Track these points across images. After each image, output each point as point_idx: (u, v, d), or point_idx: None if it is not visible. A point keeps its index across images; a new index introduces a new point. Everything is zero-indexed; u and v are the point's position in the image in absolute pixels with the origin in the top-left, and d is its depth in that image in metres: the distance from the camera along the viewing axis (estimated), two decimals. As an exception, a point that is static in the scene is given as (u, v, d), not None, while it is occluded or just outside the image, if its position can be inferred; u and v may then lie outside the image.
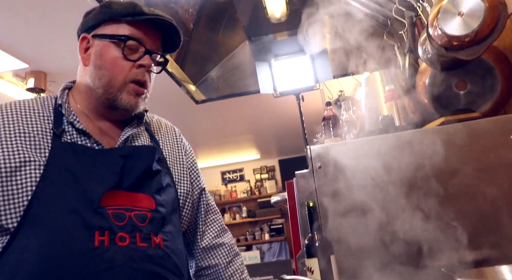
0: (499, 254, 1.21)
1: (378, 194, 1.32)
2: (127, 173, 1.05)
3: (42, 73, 2.96)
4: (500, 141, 1.29)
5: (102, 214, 0.97)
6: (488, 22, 1.30)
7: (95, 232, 0.94)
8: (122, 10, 1.07)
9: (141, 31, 1.09)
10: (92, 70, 1.08)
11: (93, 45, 1.09)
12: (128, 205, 1.02)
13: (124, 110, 1.10)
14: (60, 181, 0.97)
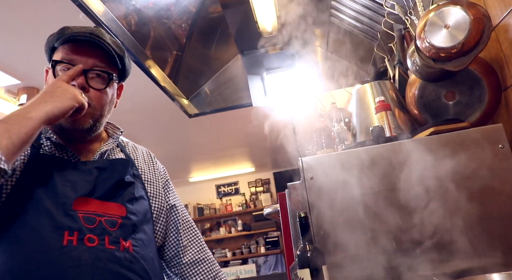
0: (490, 262, 1.22)
1: (370, 204, 1.33)
2: (100, 183, 1.12)
3: (34, 89, 2.97)
4: (489, 150, 1.30)
5: (73, 216, 1.03)
6: (474, 34, 1.32)
7: (64, 232, 1.01)
8: (53, 38, 1.15)
9: (73, 52, 1.13)
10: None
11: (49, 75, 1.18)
12: (99, 211, 1.09)
13: (71, 131, 1.14)
14: (35, 186, 1.04)
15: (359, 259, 1.29)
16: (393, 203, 1.31)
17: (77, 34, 1.12)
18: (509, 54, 1.39)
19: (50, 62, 1.19)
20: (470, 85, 1.53)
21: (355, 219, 1.32)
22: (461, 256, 1.24)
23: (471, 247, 1.24)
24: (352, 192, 1.35)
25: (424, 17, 1.44)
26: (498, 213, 1.26)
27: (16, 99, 2.98)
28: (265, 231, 8.38)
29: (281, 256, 8.17)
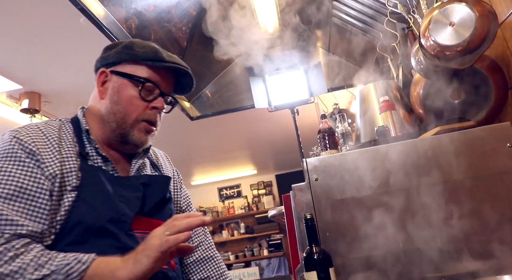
0: (499, 264, 1.19)
1: (376, 205, 1.30)
2: (147, 200, 1.12)
3: (36, 94, 2.96)
4: (496, 149, 1.28)
5: (133, 237, 1.03)
6: (479, 31, 1.30)
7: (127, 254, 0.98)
8: (143, 54, 1.13)
9: (158, 74, 1.15)
10: (108, 104, 1.14)
11: (111, 81, 1.15)
12: (148, 229, 1.05)
13: (134, 145, 1.16)
14: (94, 201, 1.02)
15: (366, 261, 1.27)
16: (399, 204, 1.29)
17: (175, 65, 1.16)
18: (515, 51, 1.37)
19: (105, 65, 1.17)
20: (476, 84, 1.51)
21: (361, 220, 1.30)
22: (469, 257, 1.22)
23: (479, 248, 1.22)
24: (358, 193, 1.32)
25: (428, 15, 1.42)
26: (507, 213, 1.24)
27: (18, 104, 2.97)
28: (268, 234, 8.35)
29: (284, 259, 8.14)
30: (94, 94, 1.20)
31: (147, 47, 1.16)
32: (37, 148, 1.01)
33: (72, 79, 2.91)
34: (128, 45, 1.16)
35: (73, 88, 3.01)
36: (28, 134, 1.03)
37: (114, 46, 1.20)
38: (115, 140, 1.15)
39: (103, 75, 1.17)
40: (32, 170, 0.98)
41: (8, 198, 0.94)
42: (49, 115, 3.30)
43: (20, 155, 0.99)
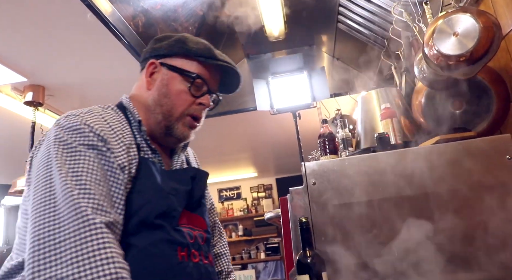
0: (492, 275, 1.19)
1: (372, 211, 1.30)
2: (194, 194, 1.13)
3: (40, 87, 2.97)
4: (495, 161, 1.28)
5: (181, 231, 1.03)
6: (483, 42, 1.31)
7: (177, 247, 1.00)
8: (197, 50, 1.13)
9: (208, 72, 1.16)
10: (156, 96, 1.13)
11: (160, 72, 1.15)
12: (191, 224, 1.09)
13: (177, 139, 1.17)
14: (149, 194, 1.01)
15: (361, 267, 1.27)
16: (396, 211, 1.29)
17: (227, 65, 1.17)
18: (518, 64, 1.37)
19: (154, 56, 1.16)
20: (478, 95, 1.51)
21: (357, 226, 1.30)
22: (465, 268, 1.22)
23: (474, 258, 1.22)
24: (355, 199, 1.32)
25: (432, 24, 1.43)
26: (503, 225, 1.24)
27: (22, 97, 2.98)
28: (265, 237, 8.33)
29: (281, 263, 8.12)
30: (139, 84, 1.19)
31: (201, 43, 1.16)
32: (107, 136, 0.99)
33: (76, 74, 2.92)
34: (181, 39, 1.16)
35: (78, 83, 3.02)
36: (95, 122, 1.01)
37: (165, 39, 1.19)
38: (159, 132, 1.14)
39: (152, 66, 1.16)
40: (109, 159, 0.96)
41: (94, 182, 0.91)
42: (52, 109, 3.31)
43: (95, 142, 0.97)
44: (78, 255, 0.80)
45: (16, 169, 3.98)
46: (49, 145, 0.96)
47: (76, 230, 0.83)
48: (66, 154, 0.93)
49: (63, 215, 0.85)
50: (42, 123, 3.31)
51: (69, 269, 0.78)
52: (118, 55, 2.38)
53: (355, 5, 2.36)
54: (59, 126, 0.99)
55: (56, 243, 0.82)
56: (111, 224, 0.89)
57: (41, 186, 0.90)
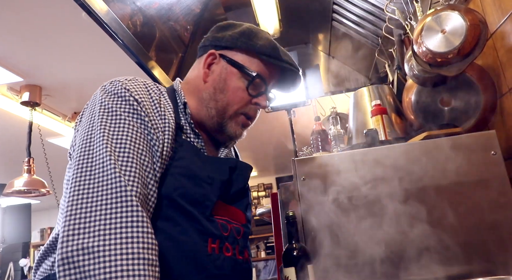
0: (478, 268, 1.21)
1: (361, 206, 1.32)
2: (231, 185, 1.08)
3: (37, 87, 2.98)
4: (480, 156, 1.30)
5: (214, 222, 0.98)
6: (470, 40, 1.33)
7: (208, 239, 0.95)
8: (261, 47, 1.08)
9: (268, 71, 1.11)
10: (211, 89, 1.09)
11: (219, 65, 1.10)
12: (227, 217, 1.04)
13: (228, 137, 1.13)
14: (183, 178, 0.97)
15: (349, 262, 1.29)
16: (384, 207, 1.31)
17: (291, 67, 1.11)
18: (505, 61, 1.39)
19: (215, 47, 1.11)
20: (466, 92, 1.53)
21: (346, 221, 1.32)
22: (450, 261, 1.24)
23: (459, 253, 1.24)
24: (344, 194, 1.34)
25: (421, 22, 1.45)
26: (488, 219, 1.26)
27: (19, 97, 3.00)
28: (266, 236, 8.36)
29: (281, 261, 8.13)
30: (195, 73, 1.15)
31: (266, 40, 1.10)
32: (146, 106, 0.96)
33: (73, 74, 2.95)
34: (246, 33, 1.10)
35: (75, 83, 3.04)
36: (136, 89, 0.98)
37: (229, 28, 1.13)
38: (210, 126, 1.11)
39: (211, 57, 1.11)
40: (150, 129, 0.93)
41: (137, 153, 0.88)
42: (50, 109, 3.33)
43: (139, 110, 0.94)
44: (106, 229, 0.79)
45: (13, 169, 4.00)
46: (94, 111, 0.94)
47: (109, 204, 0.81)
48: (110, 122, 0.91)
49: (99, 186, 0.83)
50: (40, 123, 3.33)
51: (95, 240, 0.77)
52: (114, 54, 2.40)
53: (349, 3, 2.38)
54: (105, 92, 0.96)
55: (88, 213, 0.80)
56: (145, 198, 0.87)
57: (83, 155, 0.87)
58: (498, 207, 1.26)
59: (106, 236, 0.78)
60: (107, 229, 0.79)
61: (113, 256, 0.77)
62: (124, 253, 0.77)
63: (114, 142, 0.88)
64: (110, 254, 0.77)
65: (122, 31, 2.08)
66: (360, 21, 2.48)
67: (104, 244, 0.77)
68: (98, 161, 0.86)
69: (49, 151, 3.33)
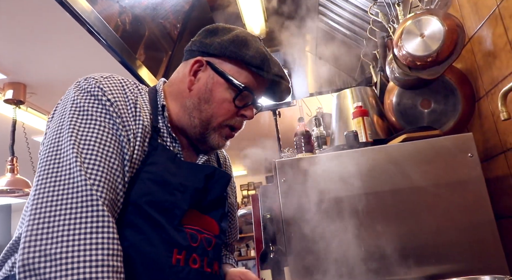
0: (453, 268, 1.23)
1: (341, 207, 1.34)
2: (206, 194, 1.03)
3: (21, 85, 2.95)
4: (457, 158, 1.32)
5: (182, 232, 0.94)
6: (448, 44, 1.35)
7: (174, 249, 0.92)
8: (250, 58, 1.02)
9: (257, 82, 1.06)
10: (196, 99, 1.04)
11: (206, 73, 1.05)
12: (199, 226, 0.99)
13: (209, 147, 1.09)
14: (152, 184, 0.93)
15: (327, 262, 1.30)
16: (362, 208, 1.33)
17: (281, 80, 1.07)
18: (482, 65, 1.41)
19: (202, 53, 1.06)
20: (445, 94, 1.55)
21: (325, 222, 1.34)
22: (427, 261, 1.26)
23: (435, 253, 1.26)
24: (323, 196, 1.36)
25: (401, 25, 1.46)
26: (464, 220, 1.28)
27: (2, 94, 2.97)
28: (255, 234, 8.37)
29: (270, 260, 8.14)
30: (180, 77, 1.09)
31: (256, 50, 1.04)
32: (120, 106, 0.93)
33: (59, 72, 2.92)
34: (236, 42, 1.04)
35: (60, 81, 3.01)
36: (111, 88, 0.94)
37: (217, 33, 1.07)
38: (192, 135, 1.06)
39: (197, 65, 1.05)
40: (121, 132, 0.90)
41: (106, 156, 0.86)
42: (35, 107, 3.30)
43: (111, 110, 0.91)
44: (70, 235, 0.76)
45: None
46: (66, 109, 0.91)
47: (74, 208, 0.78)
48: (81, 122, 0.88)
49: (64, 189, 0.80)
50: (24, 121, 3.30)
51: (58, 246, 0.75)
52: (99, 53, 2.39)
53: (334, 5, 2.40)
54: (78, 88, 0.93)
55: (51, 217, 0.77)
56: (113, 202, 0.85)
57: (50, 155, 0.85)
58: (474, 208, 1.29)
59: (69, 242, 0.76)
60: (71, 235, 0.77)
61: (76, 263, 0.75)
62: (87, 260, 0.76)
63: (82, 143, 0.86)
64: (73, 261, 0.75)
65: (105, 31, 2.07)
66: (345, 23, 2.50)
67: (67, 250, 0.75)
68: (65, 163, 0.84)
69: (34, 150, 3.30)
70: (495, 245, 1.25)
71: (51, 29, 2.42)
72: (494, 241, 1.25)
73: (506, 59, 1.24)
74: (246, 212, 2.05)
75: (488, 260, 1.24)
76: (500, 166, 1.39)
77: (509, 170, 1.34)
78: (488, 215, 1.27)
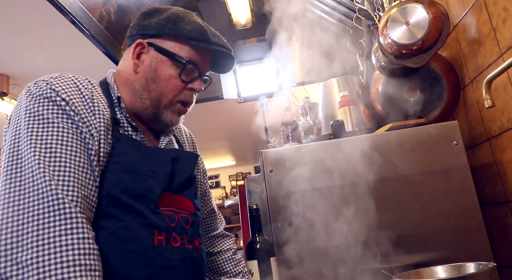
0: (438, 256, 1.24)
1: (328, 198, 1.34)
2: (175, 176, 1.08)
3: (4, 76, 2.89)
4: (443, 147, 1.33)
5: (159, 214, 0.99)
6: (433, 32, 1.34)
7: (154, 231, 0.96)
8: (189, 32, 1.06)
9: (199, 55, 1.09)
10: (143, 80, 1.08)
11: (149, 54, 1.08)
12: (175, 207, 1.05)
13: (164, 125, 1.13)
14: (123, 173, 0.96)
15: (314, 252, 1.30)
16: (349, 198, 1.33)
17: (222, 49, 1.09)
18: (467, 53, 1.41)
19: (142, 36, 1.09)
20: (431, 83, 1.55)
21: (312, 212, 1.33)
22: (410, 250, 1.27)
23: (421, 242, 1.27)
24: (311, 186, 1.36)
25: (386, 13, 1.46)
26: (449, 208, 1.29)
27: (-16, 86, 2.93)
28: (244, 224, 8.40)
29: (260, 249, 8.20)
30: (126, 63, 1.12)
31: (193, 24, 1.07)
32: (77, 104, 0.94)
33: (43, 63, 2.89)
34: (172, 19, 1.07)
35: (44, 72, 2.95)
36: (64, 87, 0.95)
37: (154, 14, 1.11)
38: (145, 116, 1.10)
39: (139, 47, 1.09)
40: (82, 129, 0.92)
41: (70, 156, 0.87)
42: (18, 99, 3.26)
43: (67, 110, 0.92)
44: (39, 240, 0.78)
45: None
46: (20, 116, 0.91)
47: (41, 214, 0.80)
48: (38, 127, 0.88)
49: (30, 196, 0.81)
50: (8, 113, 3.26)
51: (29, 253, 0.77)
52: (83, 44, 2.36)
53: (320, -7, 2.38)
54: (29, 94, 0.93)
55: (19, 225, 0.79)
56: (87, 199, 0.86)
57: (10, 166, 0.85)
58: (459, 196, 1.30)
59: (39, 247, 0.78)
60: (40, 240, 0.78)
61: (47, 266, 0.76)
62: (59, 262, 0.77)
63: (43, 148, 0.86)
64: (44, 264, 0.76)
65: (89, 21, 2.03)
66: (331, 11, 2.49)
67: (37, 255, 0.77)
68: (27, 171, 0.84)
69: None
70: (479, 232, 1.26)
71: (33, 20, 2.37)
72: (478, 228, 1.27)
73: (491, 46, 1.25)
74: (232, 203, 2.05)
75: (472, 247, 1.25)
76: (485, 154, 1.40)
77: (493, 157, 1.35)
78: (473, 202, 1.28)
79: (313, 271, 1.27)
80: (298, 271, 1.27)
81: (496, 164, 1.33)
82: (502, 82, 1.21)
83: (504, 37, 1.16)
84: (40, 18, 2.38)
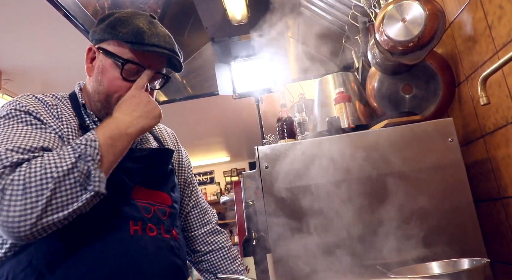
0: (434, 251, 1.25)
1: (322, 194, 1.34)
2: (150, 172, 1.14)
3: (-7, 70, 2.88)
4: (438, 143, 1.33)
5: (134, 206, 1.05)
6: (429, 29, 1.35)
7: (129, 221, 1.02)
8: (124, 35, 1.09)
9: (141, 56, 1.11)
10: (93, 83, 1.12)
11: (98, 58, 1.13)
12: (151, 200, 1.11)
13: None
14: None
15: (310, 249, 1.31)
16: (344, 194, 1.33)
17: (154, 50, 1.09)
18: (462, 50, 1.42)
19: (93, 41, 1.14)
20: (426, 80, 1.56)
21: (308, 208, 1.34)
22: (407, 246, 1.27)
23: (417, 237, 1.27)
24: (306, 182, 1.36)
25: (383, 10, 1.46)
26: (444, 204, 1.30)
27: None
28: (239, 220, 8.41)
29: (254, 245, 8.21)
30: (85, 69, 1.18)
31: (130, 26, 1.10)
32: (40, 114, 1.00)
33: (36, 58, 2.85)
34: (112, 23, 1.11)
35: (38, 67, 2.95)
36: (29, 104, 1.02)
37: (101, 21, 1.15)
38: (101, 117, 1.13)
39: (91, 52, 1.14)
40: (46, 130, 0.98)
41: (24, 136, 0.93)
42: (11, 94, 3.22)
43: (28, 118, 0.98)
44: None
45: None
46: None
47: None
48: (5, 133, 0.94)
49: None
50: None
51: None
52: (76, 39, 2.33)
53: (316, -11, 2.38)
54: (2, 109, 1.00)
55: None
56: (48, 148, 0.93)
57: None
58: (454, 192, 1.31)
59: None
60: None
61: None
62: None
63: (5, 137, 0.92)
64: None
65: (83, 16, 2.02)
66: (328, 8, 2.48)
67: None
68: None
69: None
70: (473, 228, 1.27)
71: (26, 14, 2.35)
72: (472, 224, 1.28)
73: (486, 44, 1.25)
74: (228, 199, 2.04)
75: (466, 243, 1.26)
76: (479, 150, 1.41)
77: (487, 154, 1.36)
78: (467, 198, 1.29)
79: (308, 267, 1.27)
80: (294, 267, 1.27)
81: (490, 160, 1.34)
82: (496, 79, 1.22)
83: (499, 35, 1.17)
84: (32, 12, 2.36)
